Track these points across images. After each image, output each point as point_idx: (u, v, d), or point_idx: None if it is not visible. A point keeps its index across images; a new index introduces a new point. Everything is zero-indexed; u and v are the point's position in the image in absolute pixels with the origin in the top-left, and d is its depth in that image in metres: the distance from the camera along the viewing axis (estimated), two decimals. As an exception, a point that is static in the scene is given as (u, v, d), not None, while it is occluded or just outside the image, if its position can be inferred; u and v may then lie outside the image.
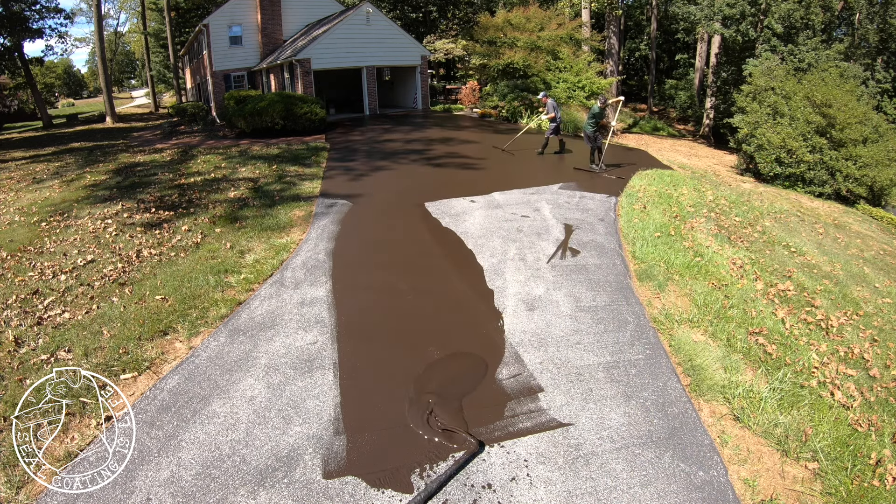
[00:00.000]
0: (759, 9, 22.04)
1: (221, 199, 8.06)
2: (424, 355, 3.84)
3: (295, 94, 16.36)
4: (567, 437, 3.03)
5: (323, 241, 6.18)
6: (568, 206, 7.52)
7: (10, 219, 7.67)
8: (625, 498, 2.63)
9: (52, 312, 4.51)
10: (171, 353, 3.94)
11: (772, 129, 15.68)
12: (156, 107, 38.24)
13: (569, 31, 20.15)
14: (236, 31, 22.22)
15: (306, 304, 4.61)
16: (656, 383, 3.55)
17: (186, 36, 31.84)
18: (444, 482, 2.67)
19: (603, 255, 5.72)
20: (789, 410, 3.35)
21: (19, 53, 26.04)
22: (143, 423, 3.14)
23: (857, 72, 21.14)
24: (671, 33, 34.59)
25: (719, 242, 6.47)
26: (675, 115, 32.73)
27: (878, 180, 14.80)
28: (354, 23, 19.06)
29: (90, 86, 66.76)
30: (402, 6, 29.59)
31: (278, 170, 10.11)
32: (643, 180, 9.54)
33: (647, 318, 4.44)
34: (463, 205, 7.48)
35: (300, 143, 13.38)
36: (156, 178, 10.02)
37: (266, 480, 2.70)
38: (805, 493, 2.78)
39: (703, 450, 2.98)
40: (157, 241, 6.27)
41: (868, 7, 24.68)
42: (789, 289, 5.38)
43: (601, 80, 19.39)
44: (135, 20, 51.33)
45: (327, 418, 3.15)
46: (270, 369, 3.65)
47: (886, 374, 4.03)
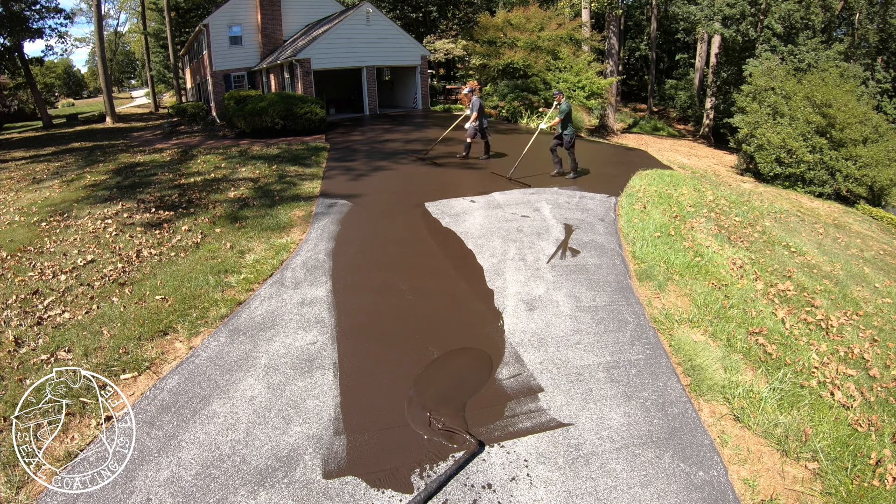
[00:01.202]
0: (759, 9, 22.04)
1: (221, 199, 8.06)
2: (424, 355, 3.84)
3: (295, 94, 16.36)
4: (567, 437, 3.03)
5: (323, 242, 6.18)
6: (568, 206, 7.52)
7: (10, 219, 7.67)
8: (625, 498, 2.64)
9: (52, 312, 4.51)
10: (171, 353, 3.94)
11: (772, 129, 15.69)
12: (156, 107, 38.25)
13: (569, 31, 20.13)
14: (236, 31, 22.22)
15: (306, 304, 4.61)
16: (656, 383, 3.55)
17: (186, 36, 31.84)
18: (444, 482, 2.67)
19: (603, 255, 5.72)
20: (789, 410, 3.35)
21: (19, 53, 26.04)
22: (143, 423, 3.14)
23: (857, 72, 21.15)
24: (671, 33, 34.61)
25: (719, 242, 6.48)
26: (675, 115, 32.73)
27: (878, 180, 14.81)
28: (354, 23, 19.06)
29: (90, 86, 66.75)
30: (402, 6, 29.58)
31: (278, 170, 10.11)
32: (643, 180, 9.54)
33: (647, 318, 4.45)
34: (463, 205, 7.48)
35: (300, 143, 13.38)
36: (156, 178, 10.02)
37: (266, 480, 2.70)
38: (805, 493, 2.78)
39: (703, 450, 2.98)
40: (157, 241, 6.27)
41: (868, 7, 24.69)
42: (789, 289, 5.38)
43: (601, 79, 19.39)
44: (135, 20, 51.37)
45: (327, 418, 3.15)
46: (270, 369, 3.65)
47: (886, 374, 4.03)
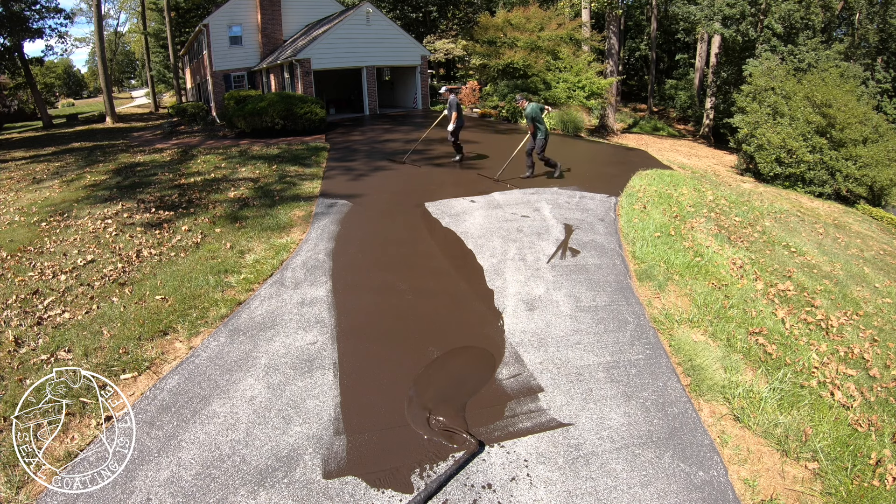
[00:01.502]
0: (759, 9, 22.04)
1: (221, 199, 8.06)
2: (424, 355, 3.84)
3: (295, 94, 16.35)
4: (567, 437, 3.03)
5: (323, 242, 6.17)
6: (568, 206, 7.52)
7: (10, 219, 7.67)
8: (625, 498, 2.63)
9: (52, 312, 4.51)
10: (171, 353, 3.94)
11: (772, 129, 15.68)
12: (156, 107, 38.25)
13: (569, 31, 20.13)
14: (236, 31, 22.22)
15: (306, 304, 4.61)
16: (656, 383, 3.55)
17: (186, 36, 31.84)
18: (444, 482, 2.67)
19: (603, 255, 5.72)
20: (789, 410, 3.35)
21: (19, 53, 26.04)
22: (143, 422, 3.14)
23: (857, 72, 21.15)
24: (671, 33, 34.59)
25: (719, 242, 6.47)
26: (675, 115, 32.73)
27: (878, 180, 14.80)
28: (354, 23, 19.06)
29: (90, 86, 66.75)
30: (402, 6, 29.59)
31: (278, 170, 10.11)
32: (643, 180, 9.54)
33: (647, 318, 4.44)
34: (463, 205, 7.47)
35: (300, 143, 13.38)
36: (156, 178, 10.02)
37: (266, 480, 2.70)
38: (805, 493, 2.78)
39: (703, 450, 2.98)
40: (157, 241, 6.27)
41: (868, 7, 24.69)
42: (789, 289, 5.38)
43: (601, 79, 19.39)
44: (135, 20, 51.37)
45: (327, 418, 3.15)
46: (270, 369, 3.65)
47: (886, 374, 4.03)
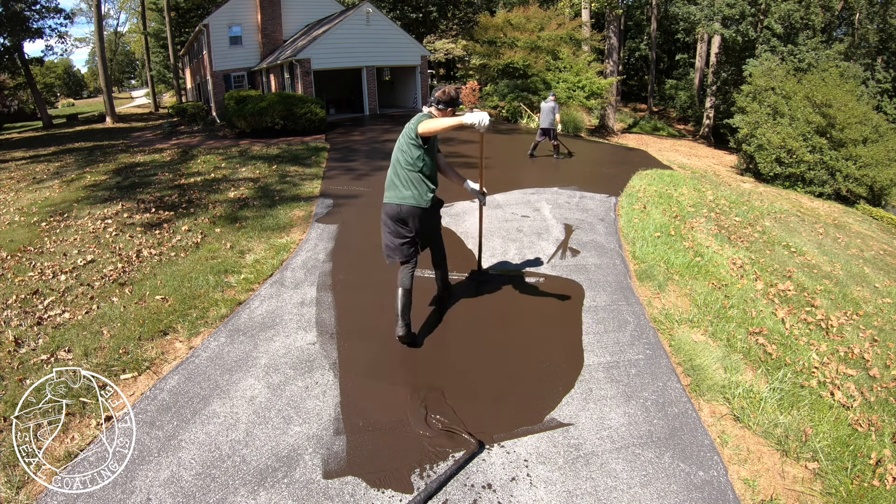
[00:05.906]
0: (758, 9, 22.05)
1: (221, 200, 8.06)
2: (424, 355, 3.84)
3: (295, 94, 16.36)
4: (567, 437, 3.03)
5: (323, 242, 6.17)
6: (568, 206, 7.52)
7: (10, 219, 7.67)
8: (625, 498, 2.63)
9: (52, 312, 4.51)
10: (171, 353, 3.94)
11: (772, 129, 15.69)
12: (156, 107, 38.27)
13: (569, 31, 20.14)
14: (236, 31, 22.22)
15: (306, 303, 4.61)
16: (656, 383, 3.54)
17: (186, 36, 31.85)
18: (444, 482, 2.67)
19: (603, 255, 5.72)
20: (789, 410, 3.35)
21: (19, 53, 26.05)
22: (143, 423, 3.14)
23: (857, 72, 21.16)
24: (671, 33, 34.61)
25: (719, 242, 6.47)
26: (675, 115, 32.75)
27: (878, 180, 14.81)
28: (354, 23, 19.06)
29: (90, 86, 66.76)
30: (402, 6, 29.60)
31: (278, 170, 10.11)
32: (643, 180, 9.55)
33: (647, 318, 4.44)
34: (463, 205, 7.47)
35: (300, 143, 13.38)
36: (156, 178, 10.02)
37: (266, 480, 2.70)
38: (805, 493, 2.78)
39: (703, 450, 2.98)
40: (157, 241, 6.27)
41: (868, 7, 24.70)
42: (789, 289, 5.38)
43: (601, 79, 19.39)
44: (135, 20, 51.39)
45: (327, 418, 3.15)
46: (270, 369, 3.65)
47: (886, 374, 4.03)
